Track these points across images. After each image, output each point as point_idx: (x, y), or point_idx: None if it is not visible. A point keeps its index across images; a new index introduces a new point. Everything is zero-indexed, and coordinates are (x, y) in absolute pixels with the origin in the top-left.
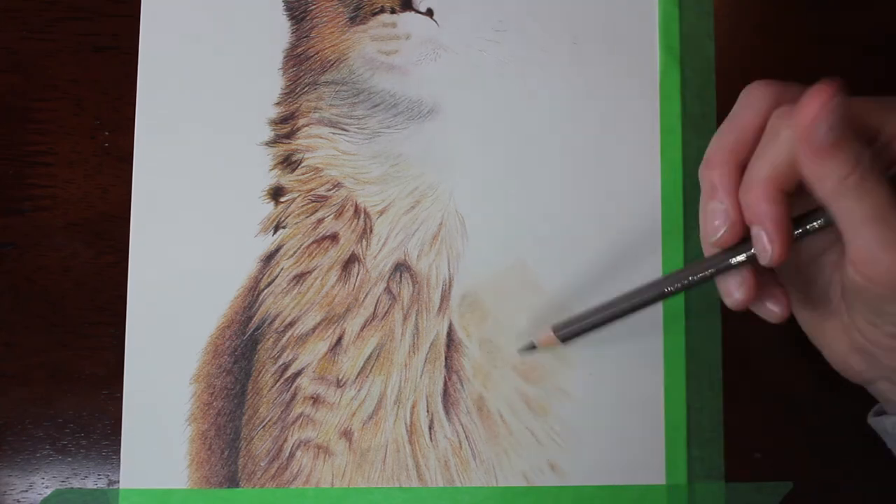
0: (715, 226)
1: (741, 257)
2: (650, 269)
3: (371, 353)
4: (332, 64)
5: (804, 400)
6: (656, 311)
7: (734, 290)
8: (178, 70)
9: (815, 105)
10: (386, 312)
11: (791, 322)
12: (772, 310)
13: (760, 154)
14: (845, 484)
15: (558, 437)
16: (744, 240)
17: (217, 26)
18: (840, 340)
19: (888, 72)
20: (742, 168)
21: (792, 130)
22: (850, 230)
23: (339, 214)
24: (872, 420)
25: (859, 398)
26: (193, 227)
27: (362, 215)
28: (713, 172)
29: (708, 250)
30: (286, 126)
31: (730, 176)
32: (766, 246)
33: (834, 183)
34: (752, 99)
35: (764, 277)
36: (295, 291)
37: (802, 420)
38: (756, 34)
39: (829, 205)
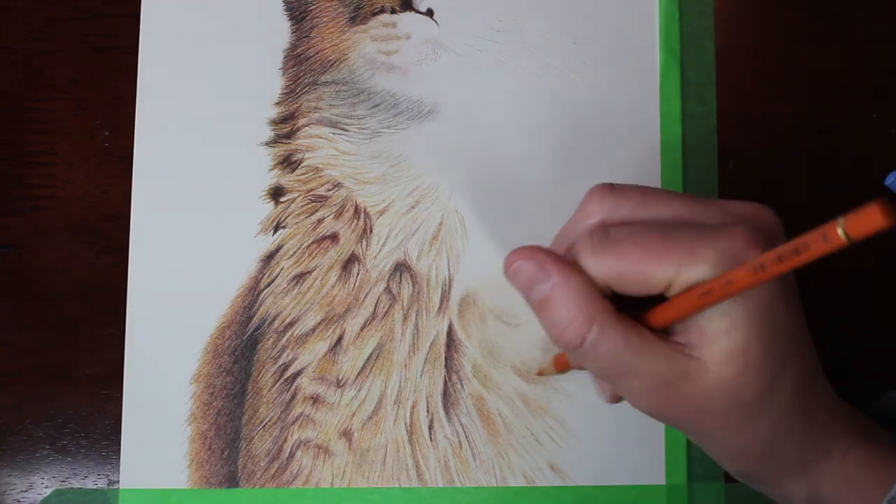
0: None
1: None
2: None
3: (371, 354)
4: (332, 64)
5: None
6: None
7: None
8: (178, 70)
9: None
10: (386, 312)
11: None
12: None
13: None
14: None
15: (558, 437)
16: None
17: (217, 26)
18: None
19: (889, 69)
20: None
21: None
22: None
23: (339, 214)
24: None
25: (859, 399)
26: (193, 227)
27: (362, 215)
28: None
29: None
30: (286, 126)
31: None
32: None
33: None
34: (585, 212)
35: None
36: (295, 291)
37: None
38: (756, 34)
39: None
